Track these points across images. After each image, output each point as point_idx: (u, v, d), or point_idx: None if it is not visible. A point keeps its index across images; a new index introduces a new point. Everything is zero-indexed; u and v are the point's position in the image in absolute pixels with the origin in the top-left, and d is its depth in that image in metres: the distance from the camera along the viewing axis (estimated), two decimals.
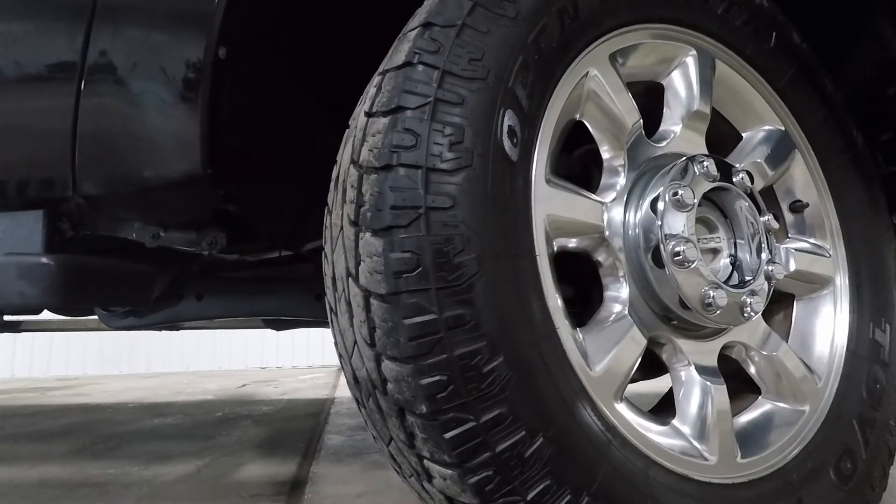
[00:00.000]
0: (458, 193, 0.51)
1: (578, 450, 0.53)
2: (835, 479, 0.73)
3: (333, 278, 0.60)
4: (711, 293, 0.68)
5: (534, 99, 0.60)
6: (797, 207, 0.91)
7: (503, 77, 0.57)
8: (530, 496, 0.50)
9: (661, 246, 0.67)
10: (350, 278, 0.55)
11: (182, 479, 1.37)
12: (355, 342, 0.56)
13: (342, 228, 0.57)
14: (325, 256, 0.62)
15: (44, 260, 0.72)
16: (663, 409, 0.76)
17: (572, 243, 0.66)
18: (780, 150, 0.88)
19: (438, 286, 0.49)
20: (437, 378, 0.49)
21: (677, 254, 0.67)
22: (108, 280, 0.82)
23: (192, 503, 1.18)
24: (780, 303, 0.90)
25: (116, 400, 3.27)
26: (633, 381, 0.88)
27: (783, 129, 0.88)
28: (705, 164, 0.73)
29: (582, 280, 0.74)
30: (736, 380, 0.82)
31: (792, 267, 0.85)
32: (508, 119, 0.56)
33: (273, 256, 1.40)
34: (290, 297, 1.47)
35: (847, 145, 0.92)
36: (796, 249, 0.88)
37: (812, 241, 0.90)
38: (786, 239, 0.91)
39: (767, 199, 0.92)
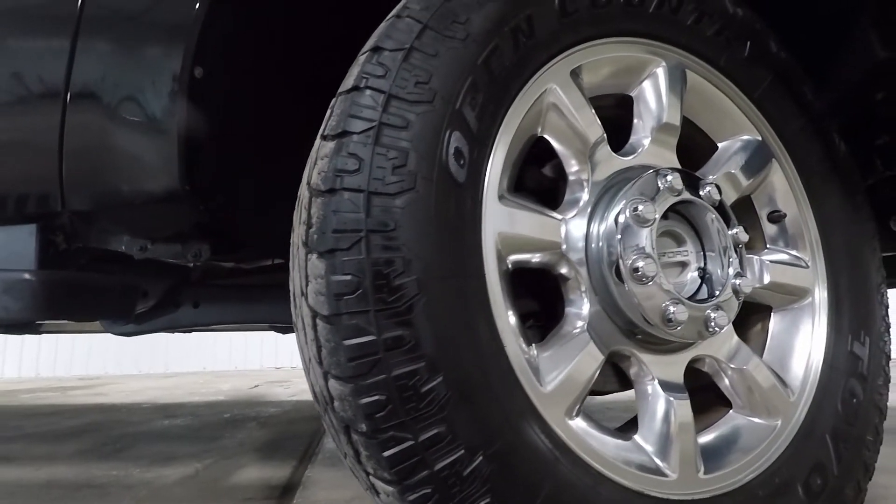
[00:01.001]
0: (400, 216, 0.53)
1: (520, 468, 0.53)
2: (803, 495, 0.72)
3: (293, 295, 0.62)
4: (672, 308, 0.68)
5: (484, 119, 0.60)
6: (775, 218, 0.90)
7: (450, 99, 0.58)
8: None
9: (621, 261, 0.67)
10: (302, 297, 0.57)
11: (180, 482, 1.41)
12: (309, 359, 0.58)
13: (298, 248, 0.59)
14: (290, 273, 0.64)
15: (26, 276, 0.76)
16: (635, 424, 0.76)
17: (530, 259, 0.67)
18: (756, 160, 0.87)
19: (377, 308, 0.51)
20: (375, 398, 0.50)
21: (636, 269, 0.67)
22: (91, 294, 0.85)
23: None
24: (757, 314, 0.89)
25: (132, 400, 3.36)
26: (607, 393, 0.88)
27: (760, 138, 0.87)
28: (669, 178, 0.73)
29: (547, 295, 0.75)
30: (709, 393, 0.82)
31: (767, 279, 0.84)
32: (455, 141, 0.57)
33: (268, 264, 1.43)
34: (285, 304, 1.49)
35: (827, 154, 0.91)
36: (774, 261, 0.87)
37: (791, 251, 0.89)
38: (764, 250, 0.90)
39: (746, 209, 0.91)
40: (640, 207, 0.69)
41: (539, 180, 0.82)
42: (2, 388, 4.64)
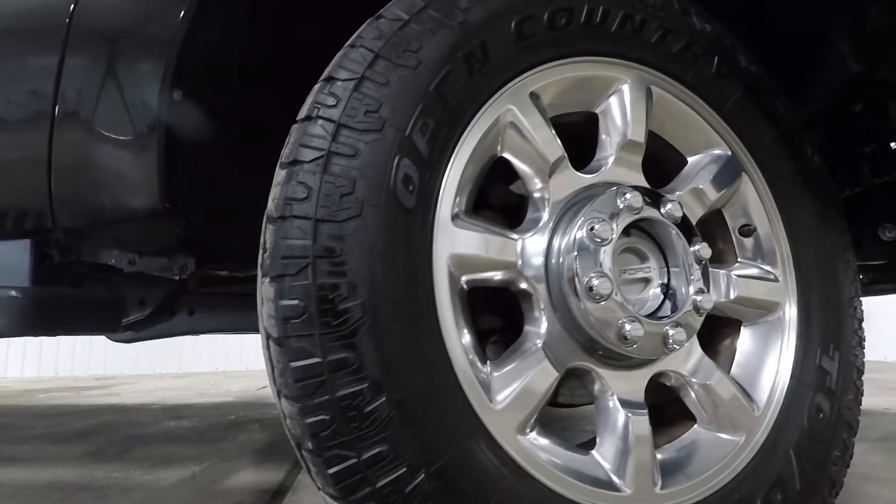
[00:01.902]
0: (346, 243, 0.55)
1: (463, 484, 0.55)
2: None
3: (259, 315, 0.64)
4: (628, 326, 0.69)
5: (435, 145, 0.62)
6: (746, 232, 0.90)
7: (400, 127, 0.60)
8: None
9: (576, 280, 0.69)
10: (260, 318, 0.59)
11: (177, 485, 1.45)
12: (268, 377, 0.60)
13: (258, 272, 0.61)
14: None
15: (13, 293, 0.80)
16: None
17: (487, 279, 0.69)
18: (726, 174, 0.87)
19: (322, 331, 0.53)
20: (320, 417, 0.52)
21: (591, 288, 0.68)
22: (77, 309, 0.89)
23: None
24: (727, 328, 0.89)
25: (142, 401, 3.44)
26: (576, 406, 0.89)
27: (729, 153, 0.88)
28: (628, 196, 0.74)
29: (512, 311, 0.76)
30: (675, 407, 0.83)
31: (735, 294, 0.84)
32: (404, 168, 0.59)
33: None
34: None
35: (799, 167, 0.90)
36: (743, 275, 0.87)
37: (761, 265, 0.89)
38: (735, 264, 0.90)
39: (718, 222, 0.92)
40: (597, 227, 0.70)
41: (506, 198, 0.83)
42: (21, 387, 4.79)
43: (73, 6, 0.92)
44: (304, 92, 0.63)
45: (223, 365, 6.18)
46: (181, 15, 0.83)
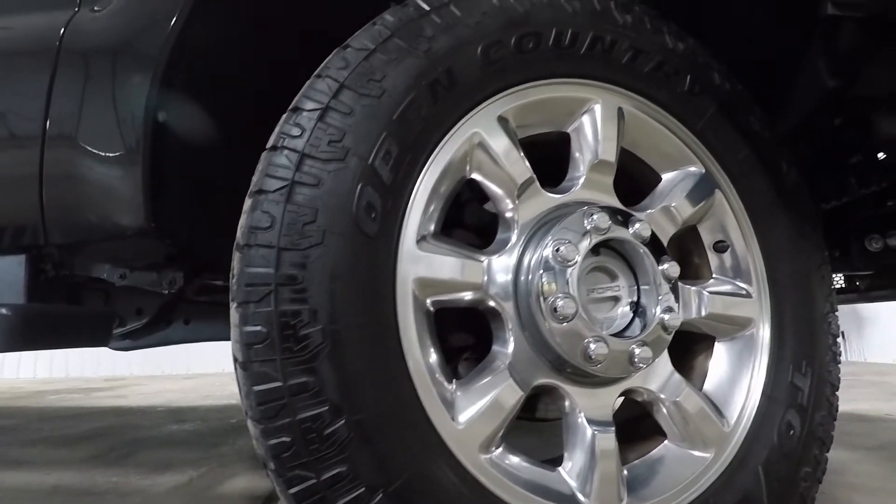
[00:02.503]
0: (308, 270, 0.57)
1: (422, 503, 0.57)
2: None
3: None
4: (592, 346, 0.70)
5: (399, 172, 0.64)
6: (720, 248, 0.91)
7: (363, 156, 0.62)
8: None
9: (542, 301, 0.70)
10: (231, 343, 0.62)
11: (172, 490, 1.49)
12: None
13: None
14: None
15: (3, 311, 0.83)
16: None
17: (455, 299, 0.70)
18: (700, 191, 0.88)
19: (284, 357, 0.55)
20: (281, 439, 0.55)
21: (555, 309, 0.69)
22: (66, 324, 0.92)
23: None
24: (702, 343, 0.90)
25: (149, 403, 3.50)
26: (550, 420, 0.90)
27: (703, 170, 0.89)
28: (595, 216, 0.75)
29: (483, 329, 0.78)
30: (647, 423, 0.84)
31: (707, 310, 0.85)
32: (367, 196, 0.61)
33: None
34: None
35: (774, 184, 0.91)
36: (716, 291, 0.88)
37: (735, 281, 0.90)
38: (710, 280, 0.91)
39: (693, 238, 0.93)
40: (562, 248, 0.71)
41: (480, 216, 0.85)
42: (32, 388, 4.88)
43: (62, 30, 0.95)
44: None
45: (230, 367, 6.22)
46: (164, 38, 0.86)
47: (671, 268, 0.79)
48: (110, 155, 0.89)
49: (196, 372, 6.00)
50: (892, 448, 1.82)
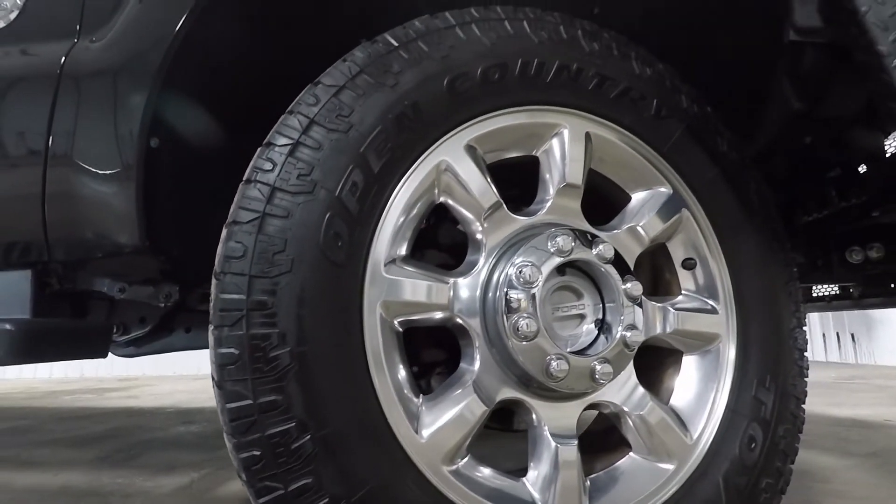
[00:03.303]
0: (277, 296, 0.61)
1: None
2: None
3: None
4: (554, 363, 0.74)
5: (366, 202, 0.68)
6: (688, 265, 0.94)
7: (331, 188, 0.66)
8: None
9: (505, 320, 0.74)
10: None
11: (174, 492, 1.55)
12: None
13: None
14: None
15: (7, 326, 0.89)
16: None
17: (424, 319, 0.74)
18: (668, 210, 0.91)
19: (254, 377, 0.59)
20: (251, 453, 0.59)
21: (517, 329, 0.73)
22: (66, 338, 0.98)
23: None
24: (672, 357, 0.93)
25: (159, 404, 3.59)
26: (520, 431, 0.94)
27: (671, 190, 0.92)
28: (559, 239, 0.78)
29: (452, 347, 0.82)
30: (615, 434, 0.87)
31: (674, 326, 0.88)
32: (334, 226, 0.65)
33: None
34: None
35: (741, 203, 0.94)
36: (683, 307, 0.91)
37: (702, 298, 0.93)
38: (678, 296, 0.94)
39: (664, 255, 0.96)
40: (525, 270, 0.75)
41: (453, 237, 0.89)
42: (48, 388, 5.02)
43: (63, 59, 1.01)
44: None
45: None
46: (156, 67, 0.91)
47: (633, 287, 0.82)
48: (107, 176, 0.94)
49: (206, 373, 6.11)
50: (885, 455, 1.82)
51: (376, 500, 0.62)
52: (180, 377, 5.80)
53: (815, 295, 1.88)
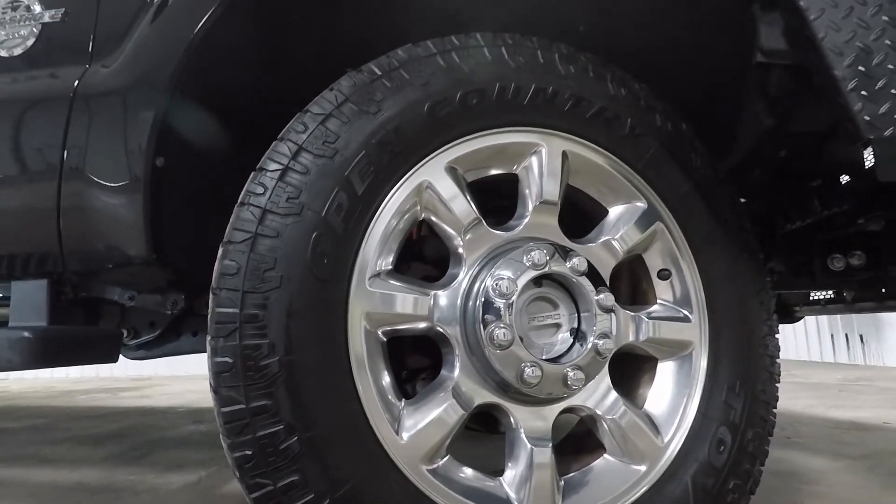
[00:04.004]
0: (268, 310, 0.67)
1: None
2: None
3: None
4: (528, 370, 0.79)
5: (350, 221, 0.74)
6: (663, 275, 0.98)
7: (318, 210, 0.72)
8: None
9: (482, 330, 0.79)
10: None
11: (183, 489, 1.62)
12: None
13: None
14: None
15: (25, 333, 0.96)
16: None
17: (406, 329, 0.80)
18: (643, 224, 0.96)
19: (246, 383, 0.66)
20: (244, 452, 0.65)
21: (492, 339, 0.79)
22: (79, 344, 1.05)
23: None
24: (648, 363, 0.98)
25: (170, 403, 3.69)
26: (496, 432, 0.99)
27: (646, 204, 0.96)
28: (534, 253, 0.83)
29: (437, 354, 0.87)
30: (592, 437, 0.92)
31: (648, 334, 0.92)
32: (321, 244, 0.71)
33: None
34: None
35: (713, 216, 0.98)
36: (658, 316, 0.95)
37: (676, 307, 0.97)
38: (654, 305, 0.99)
39: (642, 266, 1.00)
40: (501, 282, 0.80)
41: (438, 251, 0.95)
42: (64, 387, 5.16)
43: (76, 82, 1.08)
44: None
45: None
46: (161, 89, 0.98)
47: (606, 298, 0.87)
48: (117, 187, 1.01)
49: None
50: (877, 457, 1.84)
51: (358, 497, 0.67)
52: (192, 377, 5.91)
53: (811, 298, 1.91)
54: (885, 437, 2.18)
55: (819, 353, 6.04)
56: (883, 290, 1.60)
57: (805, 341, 6.25)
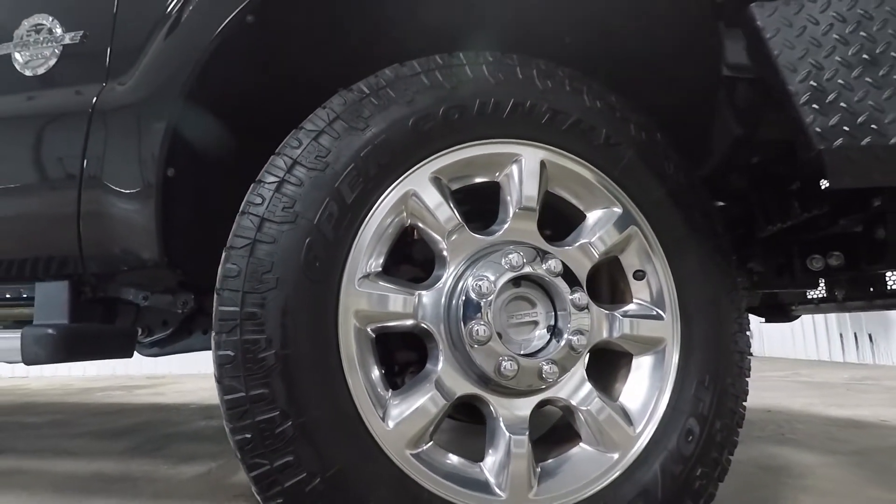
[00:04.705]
0: (265, 308, 0.75)
1: (352, 486, 0.74)
2: None
3: None
4: (504, 364, 0.86)
5: (340, 229, 0.81)
6: (638, 276, 1.05)
7: (310, 218, 0.79)
8: None
9: (463, 327, 0.86)
10: None
11: (194, 479, 1.71)
12: None
13: None
14: None
15: (49, 330, 1.05)
16: None
17: (392, 326, 0.87)
18: (619, 227, 1.02)
19: (246, 374, 0.73)
20: (244, 436, 0.73)
21: (473, 334, 0.86)
22: (97, 341, 1.14)
23: (189, 499, 1.50)
24: (624, 358, 1.04)
25: (183, 400, 3.80)
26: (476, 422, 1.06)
27: (621, 209, 1.03)
28: (511, 256, 0.90)
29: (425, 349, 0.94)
30: (570, 426, 0.99)
31: (619, 332, 0.99)
32: (313, 249, 0.79)
33: None
34: None
35: (685, 220, 1.04)
36: (632, 314, 1.02)
37: (650, 305, 1.03)
38: (630, 304, 1.05)
39: (619, 267, 1.07)
40: (480, 283, 0.87)
41: (425, 253, 1.02)
42: (82, 385, 5.31)
43: (94, 99, 1.17)
44: None
45: None
46: (172, 104, 1.06)
47: (580, 297, 0.93)
48: (132, 193, 1.10)
49: None
50: (867, 454, 1.88)
51: (346, 477, 0.75)
52: (204, 376, 6.05)
53: (807, 297, 1.95)
54: (879, 434, 2.21)
55: (828, 353, 6.01)
56: (871, 290, 1.64)
57: (814, 341, 6.22)
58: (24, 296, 1.34)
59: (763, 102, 0.97)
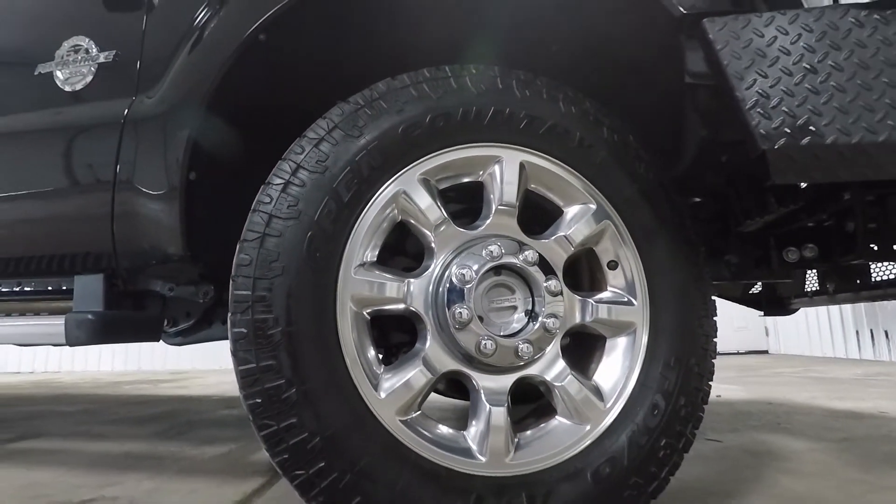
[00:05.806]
0: (273, 292, 0.87)
1: (346, 446, 0.86)
2: (590, 479, 0.98)
3: None
4: (483, 342, 0.97)
5: (338, 224, 0.94)
6: (611, 266, 1.15)
7: (312, 215, 0.92)
8: (311, 471, 0.85)
9: (447, 311, 0.98)
10: None
11: (215, 458, 1.86)
12: None
13: None
14: None
15: (89, 316, 1.19)
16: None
17: (386, 309, 0.99)
18: (593, 222, 1.12)
19: (257, 348, 0.86)
20: (255, 400, 0.85)
21: (455, 317, 0.97)
22: (129, 325, 1.29)
23: (210, 474, 1.64)
24: (599, 340, 1.15)
25: (206, 393, 3.99)
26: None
27: (595, 205, 1.13)
28: (491, 247, 1.01)
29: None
30: (549, 403, 1.09)
31: (592, 316, 1.09)
32: (314, 241, 0.91)
33: None
34: None
35: (654, 215, 1.14)
36: (606, 300, 1.12)
37: (622, 292, 1.13)
38: (605, 292, 1.15)
39: (591, 259, 1.17)
40: (462, 272, 0.99)
41: (418, 245, 1.13)
42: (111, 379, 5.57)
43: (126, 111, 1.31)
44: None
45: None
46: (195, 113, 1.20)
47: (554, 284, 1.04)
48: (159, 195, 1.23)
49: None
50: (855, 441, 1.93)
51: (342, 436, 0.87)
52: (226, 371, 6.26)
53: (803, 290, 2.01)
54: (874, 424, 2.25)
55: (844, 350, 5.97)
56: (857, 282, 1.71)
57: (830, 337, 6.18)
58: (63, 288, 1.50)
59: (721, 107, 1.06)
